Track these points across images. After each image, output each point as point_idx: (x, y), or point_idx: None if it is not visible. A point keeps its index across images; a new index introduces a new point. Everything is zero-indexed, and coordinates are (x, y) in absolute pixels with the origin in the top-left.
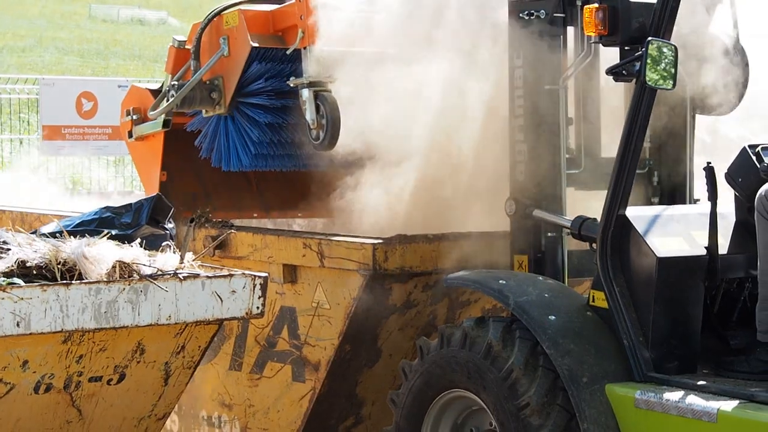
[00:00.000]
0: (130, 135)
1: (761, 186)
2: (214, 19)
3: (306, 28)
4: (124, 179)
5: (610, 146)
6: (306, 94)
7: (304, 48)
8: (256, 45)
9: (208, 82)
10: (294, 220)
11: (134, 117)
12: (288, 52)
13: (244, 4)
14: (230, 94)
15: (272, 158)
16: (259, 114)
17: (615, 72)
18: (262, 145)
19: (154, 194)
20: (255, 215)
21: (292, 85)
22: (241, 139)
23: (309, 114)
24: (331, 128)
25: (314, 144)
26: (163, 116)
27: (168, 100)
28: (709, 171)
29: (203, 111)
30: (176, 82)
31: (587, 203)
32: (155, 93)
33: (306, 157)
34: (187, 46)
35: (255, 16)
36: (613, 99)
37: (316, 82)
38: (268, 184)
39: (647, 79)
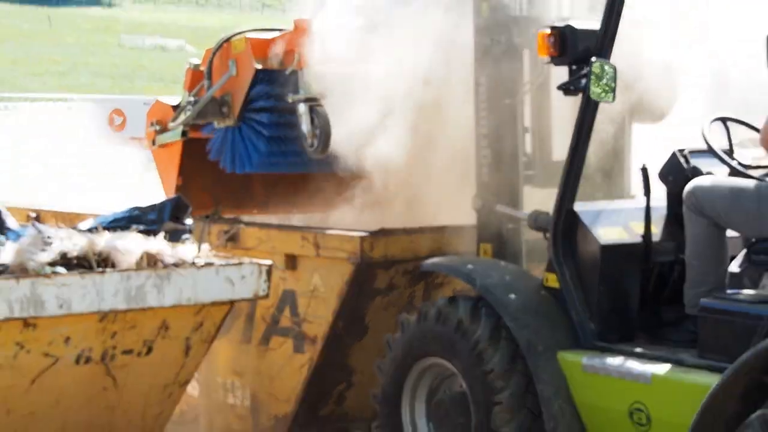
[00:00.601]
0: (154, 143)
1: (687, 183)
2: (224, 44)
3: (302, 52)
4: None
5: (560, 150)
6: (302, 108)
7: (300, 69)
8: (260, 67)
9: (219, 98)
10: (293, 215)
11: (157, 128)
12: (287, 73)
13: (249, 32)
14: (238, 108)
15: (275, 157)
16: (263, 116)
17: (565, 88)
18: (269, 144)
19: (175, 195)
20: (254, 211)
21: (290, 101)
22: (250, 143)
23: (305, 125)
24: (323, 137)
25: (309, 150)
26: (181, 127)
27: (185, 114)
28: (644, 171)
29: (215, 122)
30: (192, 98)
31: (542, 199)
32: (175, 108)
33: (304, 159)
34: (201, 68)
35: (258, 42)
36: (564, 110)
37: (310, 98)
38: (268, 184)
39: (591, 93)
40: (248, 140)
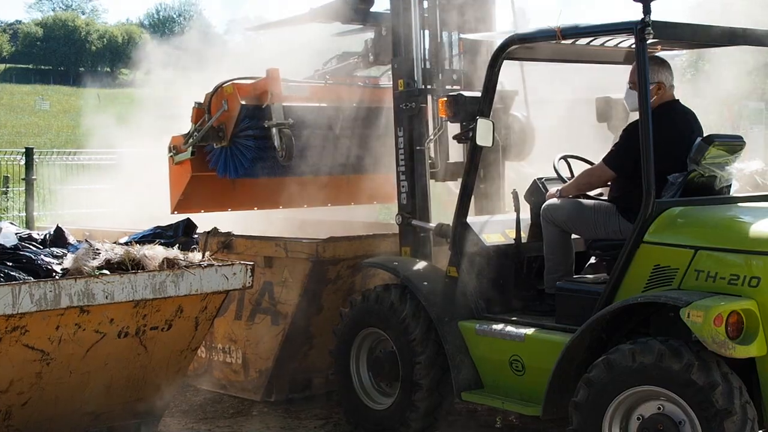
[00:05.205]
0: (173, 161)
1: (544, 202)
2: (219, 89)
3: (273, 93)
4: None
5: (453, 155)
6: (274, 131)
7: (272, 104)
8: (245, 103)
9: (216, 127)
10: (270, 223)
11: (174, 152)
12: (263, 107)
13: (236, 80)
14: (230, 133)
15: (255, 166)
16: (248, 139)
17: (459, 137)
18: (251, 158)
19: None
20: (229, 209)
21: (266, 126)
22: (238, 157)
23: (276, 142)
24: (288, 151)
25: (279, 159)
26: (191, 147)
27: (193, 138)
28: (515, 194)
29: (214, 144)
30: (198, 128)
31: (441, 189)
32: (185, 136)
33: (274, 168)
34: (203, 106)
35: (243, 86)
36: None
37: (280, 123)
38: (242, 190)
39: (476, 140)
40: (237, 156)
